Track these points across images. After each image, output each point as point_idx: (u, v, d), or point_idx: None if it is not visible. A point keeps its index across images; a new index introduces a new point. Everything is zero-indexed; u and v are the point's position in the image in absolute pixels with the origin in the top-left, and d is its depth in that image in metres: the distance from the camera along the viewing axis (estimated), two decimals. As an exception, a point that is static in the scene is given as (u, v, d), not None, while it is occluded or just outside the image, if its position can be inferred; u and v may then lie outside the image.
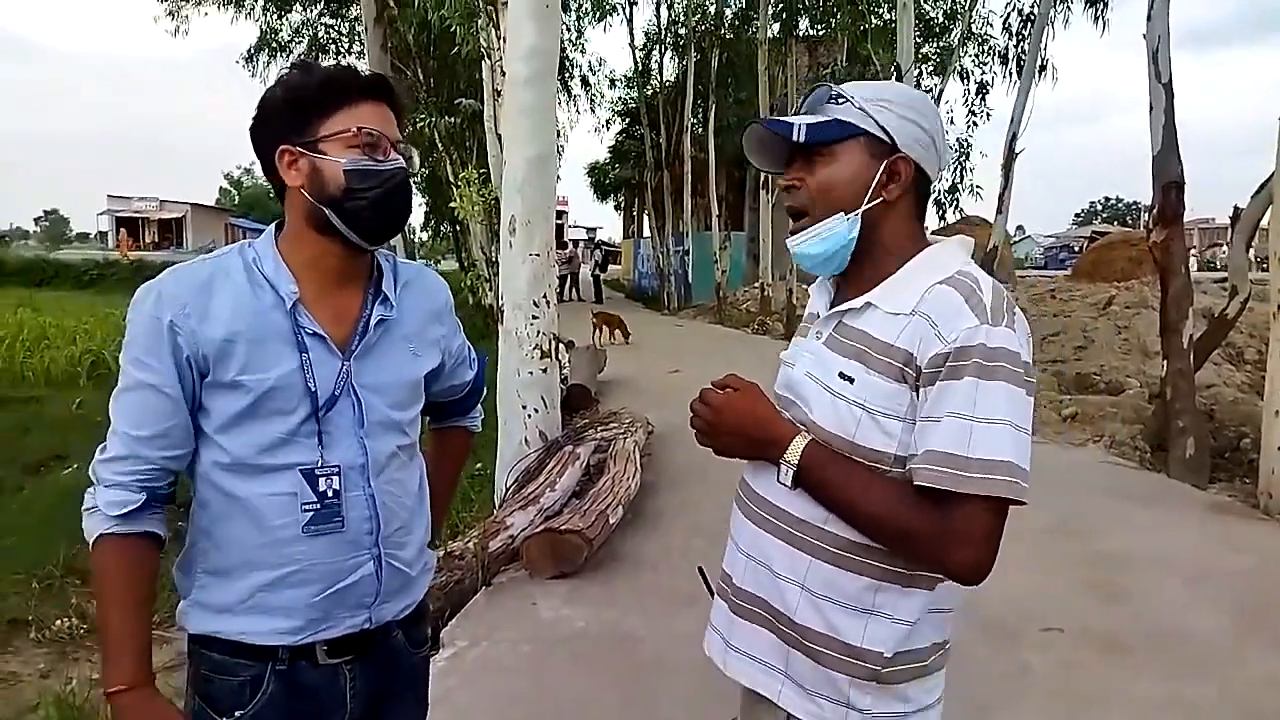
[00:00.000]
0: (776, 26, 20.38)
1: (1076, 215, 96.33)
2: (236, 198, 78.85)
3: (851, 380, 1.28)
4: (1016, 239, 57.84)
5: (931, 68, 20.22)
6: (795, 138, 1.31)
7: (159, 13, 20.41)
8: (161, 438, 1.31)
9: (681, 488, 5.78)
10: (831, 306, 1.38)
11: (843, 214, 1.31)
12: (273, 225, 1.42)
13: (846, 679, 1.29)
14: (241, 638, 1.34)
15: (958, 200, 19.96)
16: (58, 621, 4.34)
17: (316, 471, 1.33)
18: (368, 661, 1.43)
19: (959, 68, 18.82)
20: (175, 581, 1.41)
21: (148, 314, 1.30)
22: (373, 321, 1.41)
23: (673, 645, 3.45)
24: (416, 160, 1.44)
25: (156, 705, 1.31)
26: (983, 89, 19.45)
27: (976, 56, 19.20)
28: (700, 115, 23.47)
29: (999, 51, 18.43)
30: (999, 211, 11.91)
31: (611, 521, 4.62)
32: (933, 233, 1.38)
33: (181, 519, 1.43)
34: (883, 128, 1.30)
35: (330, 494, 1.33)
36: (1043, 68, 14.19)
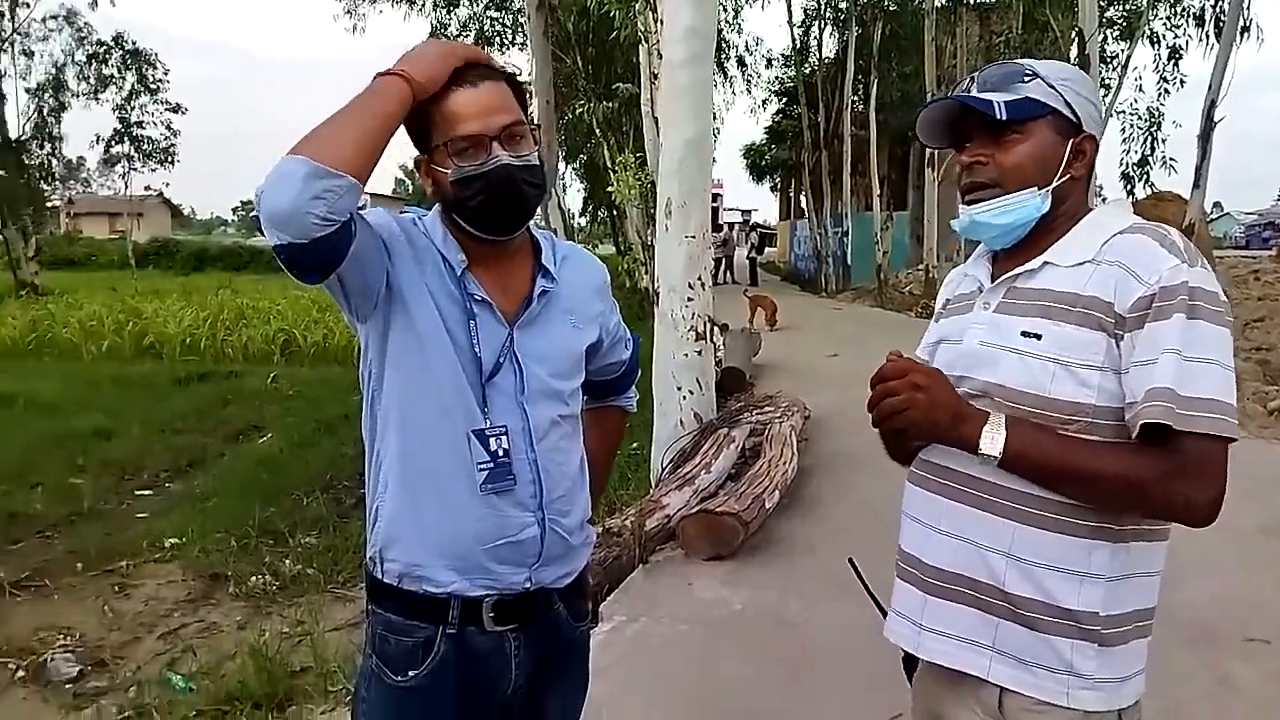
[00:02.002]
0: (945, -6, 19.45)
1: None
2: (410, 187, 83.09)
3: (1039, 336, 1.28)
4: (1214, 216, 52.93)
5: (1117, 32, 18.72)
6: (998, 115, 1.32)
7: (338, 11, 21.71)
8: (365, 227, 1.31)
9: (839, 472, 5.66)
10: (994, 279, 1.39)
11: (1035, 188, 1.33)
12: (438, 204, 1.47)
13: (1069, 643, 1.27)
14: (414, 571, 1.40)
15: (1148, 174, 18.40)
16: (253, 578, 4.74)
17: (487, 432, 1.38)
18: (531, 631, 1.47)
19: (1148, 31, 17.33)
20: (366, 531, 1.49)
21: (394, 214, 1.40)
22: (536, 293, 1.45)
23: (833, 631, 3.39)
24: (531, 136, 1.40)
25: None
26: (1175, 54, 17.79)
27: (1168, 19, 17.60)
28: (861, 92, 22.75)
29: (1194, 12, 16.86)
30: (1195, 186, 10.95)
31: (767, 505, 4.59)
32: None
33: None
34: (1069, 105, 1.33)
35: (501, 453, 1.39)
36: (1245, 29, 12.86)
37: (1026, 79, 1.33)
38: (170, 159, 26.28)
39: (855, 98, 22.78)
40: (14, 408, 8.88)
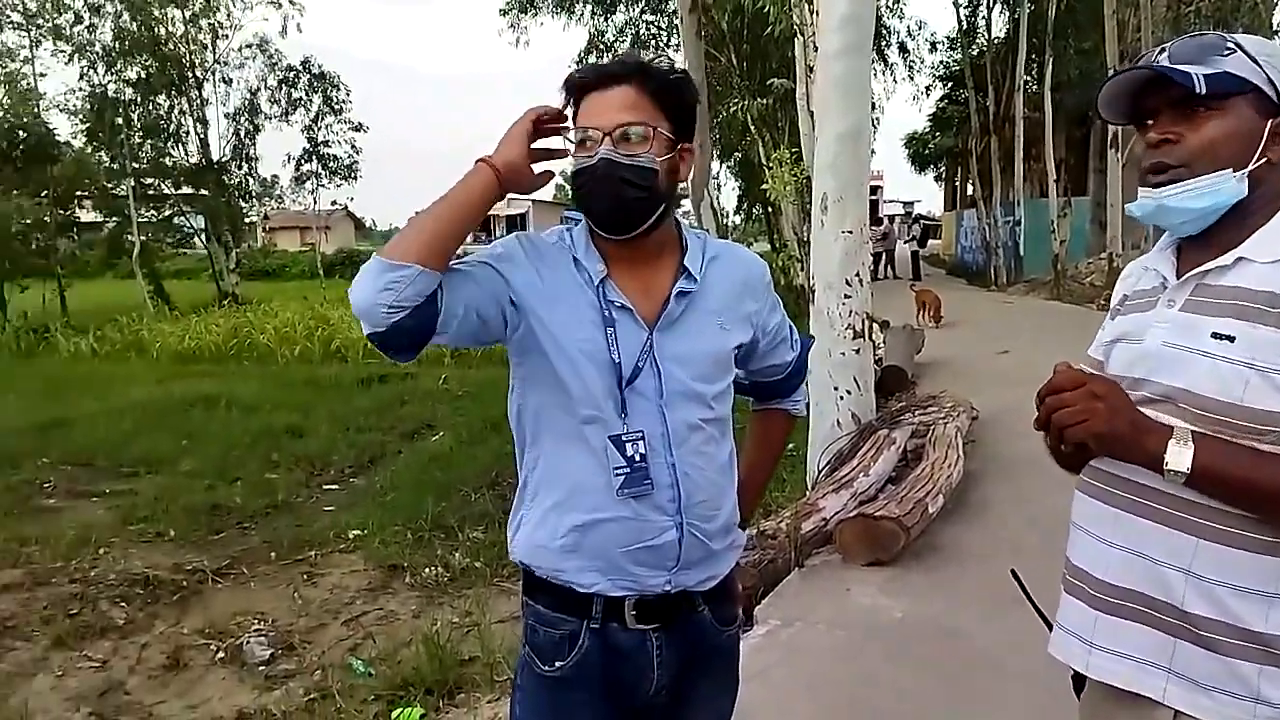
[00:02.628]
0: (1129, -38, 18.04)
1: None
2: (570, 192, 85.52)
3: (1232, 339, 1.17)
4: None
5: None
6: (1197, 89, 1.21)
7: (502, 26, 22.58)
8: (465, 282, 1.37)
9: (1012, 478, 5.35)
10: (1179, 274, 1.28)
11: (1231, 170, 1.21)
12: None
13: (1255, 669, 1.16)
14: (558, 575, 1.45)
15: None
16: (427, 569, 4.98)
17: (624, 438, 1.41)
18: (673, 632, 1.48)
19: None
20: (512, 516, 1.55)
21: (512, 239, 1.48)
22: (674, 294, 1.46)
23: (1003, 644, 3.21)
24: (657, 140, 1.40)
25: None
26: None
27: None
28: (1035, 72, 21.46)
29: None
30: None
31: (930, 510, 4.41)
32: None
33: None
34: (1272, 83, 1.21)
35: (638, 458, 1.41)
36: None
37: (1226, 52, 1.22)
38: (353, 175, 28.14)
39: (1028, 78, 21.52)
40: (218, 408, 9.74)
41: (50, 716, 3.62)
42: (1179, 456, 1.15)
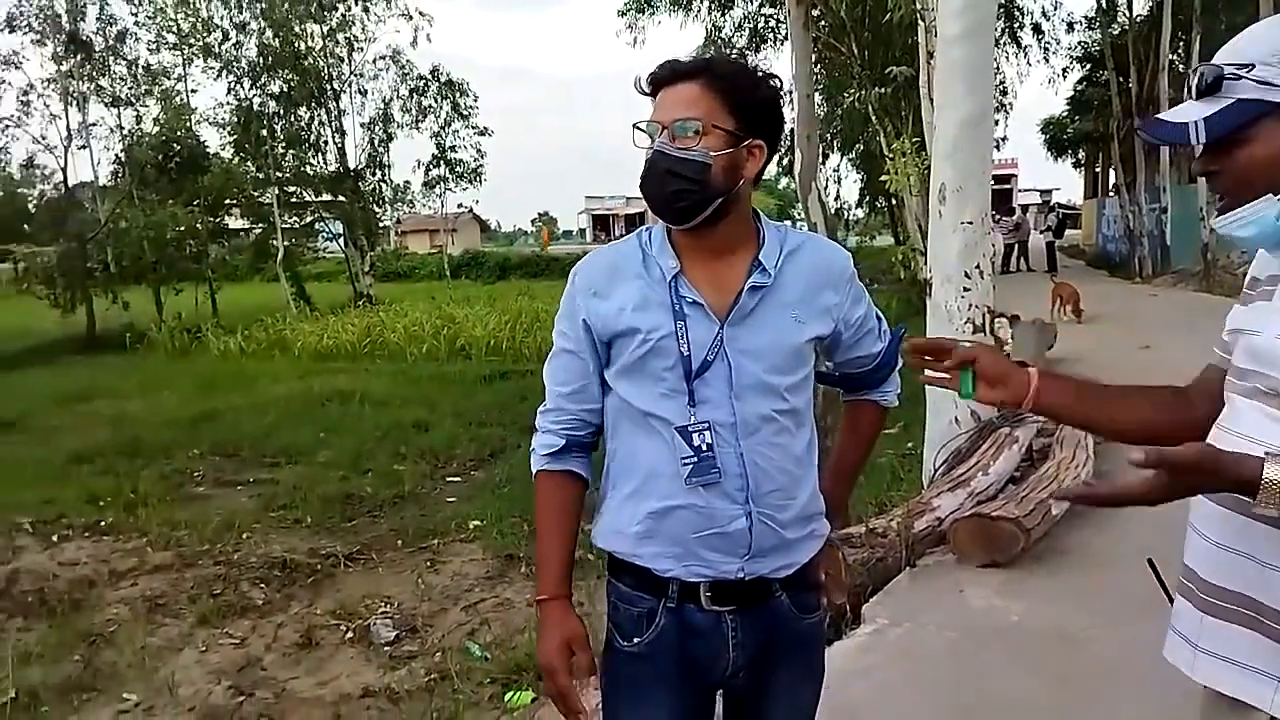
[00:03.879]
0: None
1: None
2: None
3: None
4: None
5: None
6: (1194, 141, 1.18)
7: (620, 26, 22.81)
8: (578, 393, 1.56)
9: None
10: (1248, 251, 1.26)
11: (1272, 195, 1.16)
12: None
13: None
14: (636, 559, 1.52)
15: None
16: (539, 560, 5.13)
17: (690, 428, 1.46)
18: (749, 615, 1.52)
19: None
20: (598, 504, 1.63)
21: (568, 293, 1.57)
22: (747, 287, 1.48)
23: (1127, 652, 3.03)
24: (713, 134, 1.44)
25: (568, 617, 1.55)
26: None
27: None
28: (1181, 50, 20.09)
29: None
30: None
31: (1054, 512, 4.21)
32: None
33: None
34: None
35: (704, 447, 1.46)
36: None
37: (1236, 75, 1.15)
38: (479, 178, 29.00)
39: (1174, 57, 20.16)
40: (352, 403, 10.27)
41: (194, 688, 3.91)
42: (1269, 496, 1.06)
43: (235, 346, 15.95)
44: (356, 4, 23.79)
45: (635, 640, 1.53)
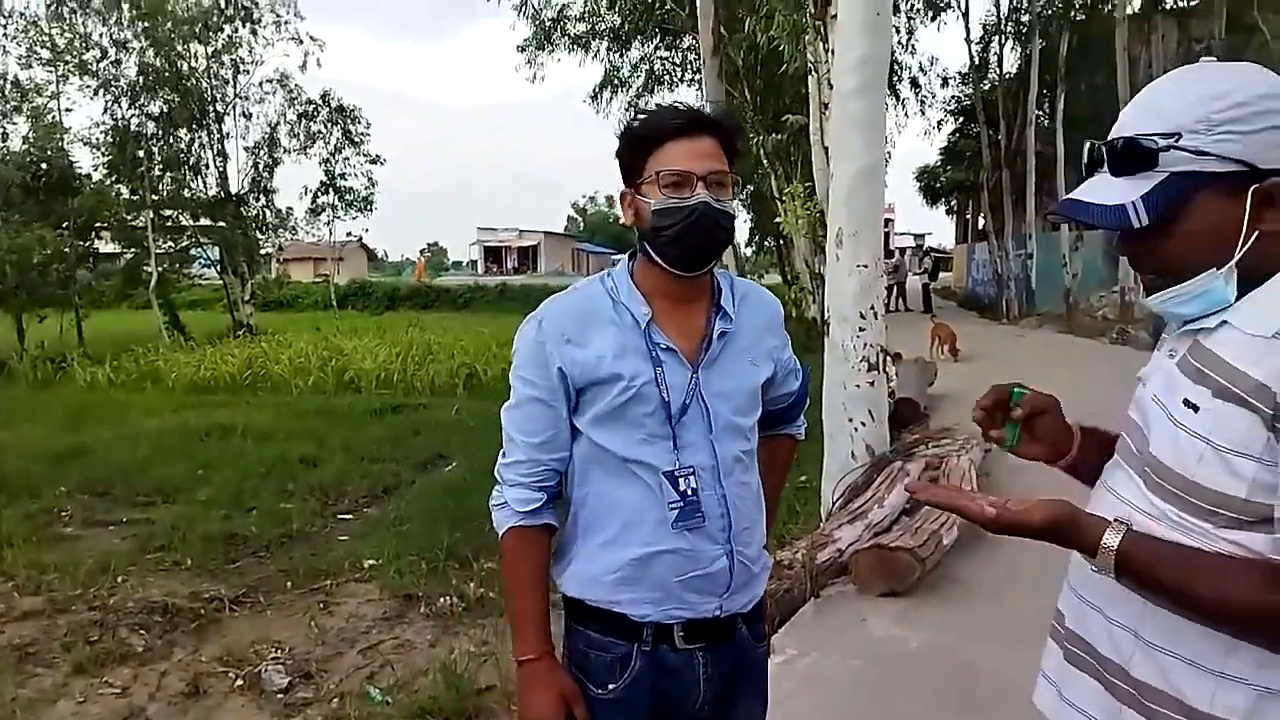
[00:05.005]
0: (1139, 1, 18.25)
1: None
2: (581, 224, 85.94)
3: (1196, 409, 1.08)
4: None
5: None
6: (1136, 224, 1.09)
7: (519, 62, 22.92)
8: (549, 443, 1.53)
9: (1025, 510, 5.35)
10: (1186, 321, 1.15)
11: (1215, 270, 1.09)
12: (626, 255, 1.61)
13: None
14: (612, 607, 1.51)
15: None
16: (441, 599, 4.99)
17: (676, 473, 1.48)
18: (717, 650, 1.56)
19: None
20: (557, 550, 1.61)
21: (532, 340, 1.53)
22: (716, 334, 1.53)
23: (1016, 680, 3.17)
24: (739, 188, 1.51)
25: (557, 674, 1.53)
26: None
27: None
28: (1046, 107, 21.64)
29: None
30: None
31: (945, 542, 4.42)
32: None
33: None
34: (1235, 160, 1.05)
35: (690, 492, 1.48)
36: None
37: (1164, 146, 1.07)
38: (369, 207, 28.40)
39: (1040, 113, 21.68)
40: (233, 437, 9.79)
41: (72, 742, 3.64)
42: (1104, 558, 1.10)
43: (103, 377, 15.00)
44: (244, 26, 23.12)
45: (610, 687, 1.52)
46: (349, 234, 34.62)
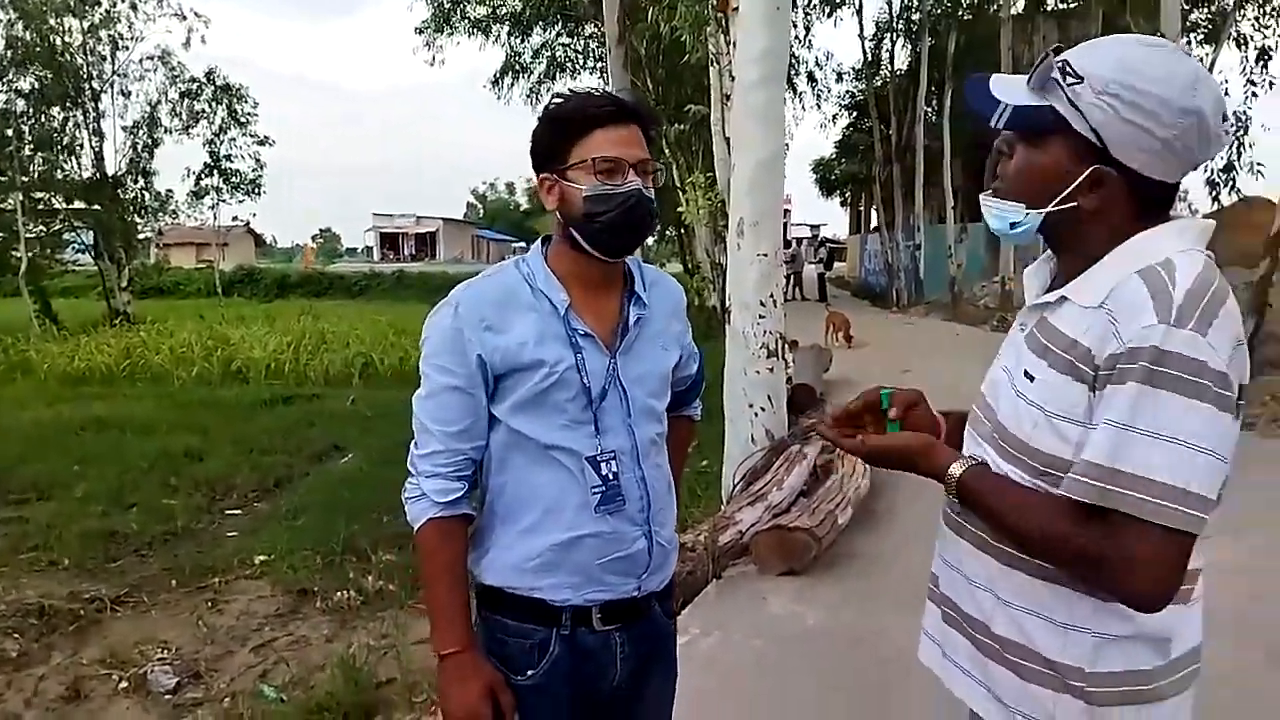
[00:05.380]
0: (1022, 2, 19.09)
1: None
2: (481, 211, 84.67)
3: (1033, 379, 1.19)
4: (1310, 220, 50.61)
5: (1201, 36, 18.16)
6: (994, 123, 1.20)
7: (418, 44, 22.33)
8: (468, 431, 1.51)
9: (914, 488, 5.48)
10: (1039, 296, 1.26)
11: (1024, 206, 1.21)
12: (539, 240, 1.61)
13: (1051, 696, 1.19)
14: (531, 593, 1.51)
15: (1234, 180, 17.75)
16: (338, 593, 4.88)
17: (598, 458, 1.49)
18: (633, 630, 1.58)
19: (1235, 33, 16.77)
20: (472, 539, 1.59)
21: (447, 327, 1.50)
22: (631, 320, 1.55)
23: (906, 647, 3.33)
24: (662, 175, 1.55)
25: (482, 665, 1.51)
26: (1264, 55, 17.21)
27: (1257, 19, 17.02)
28: (935, 103, 22.45)
29: (1284, 12, 16.26)
30: (1287, 190, 10.49)
31: (840, 521, 4.57)
32: (1204, 216, 1.26)
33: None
34: (1094, 130, 1.13)
35: (611, 476, 1.50)
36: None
37: (1070, 82, 1.14)
38: (257, 190, 27.27)
39: (928, 109, 22.49)
40: (111, 431, 9.30)
41: (-61, 755, 3.41)
42: (950, 484, 1.23)
43: (-33, 369, 14.03)
44: (123, 0, 21.82)
45: (530, 673, 1.53)
46: (235, 218, 33.26)
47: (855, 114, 28.80)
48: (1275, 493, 5.58)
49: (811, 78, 25.53)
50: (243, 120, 25.94)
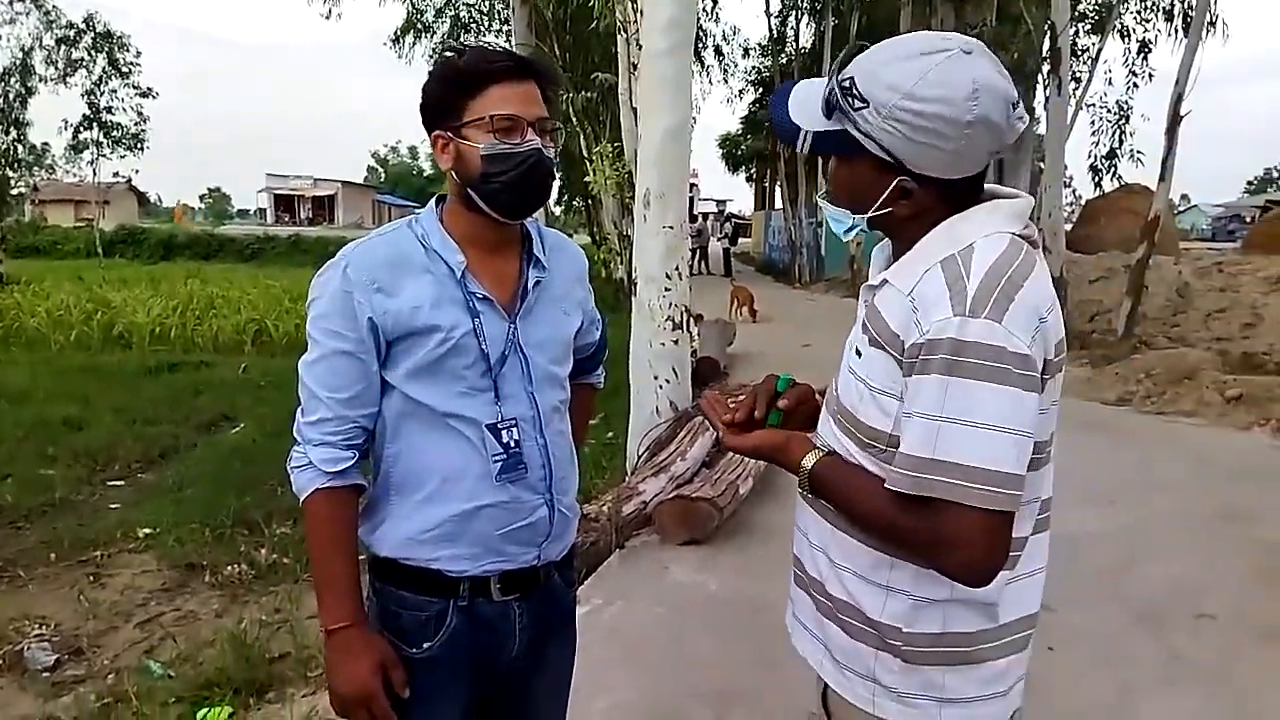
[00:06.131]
0: (921, -14, 19.57)
1: (1249, 183, 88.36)
2: (383, 175, 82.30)
3: (861, 355, 1.25)
4: (1181, 208, 53.90)
5: (1089, 26, 18.98)
6: (799, 149, 1.26)
7: (314, -5, 21.38)
8: (358, 398, 1.44)
9: (812, 461, 5.74)
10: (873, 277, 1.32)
11: (850, 212, 1.27)
12: (433, 200, 1.54)
13: (872, 652, 1.26)
14: (430, 564, 1.47)
15: (1115, 167, 18.73)
16: (229, 567, 4.72)
17: (499, 425, 1.45)
18: (532, 599, 1.56)
19: (1119, 25, 17.60)
20: (365, 510, 1.54)
21: (336, 288, 1.42)
22: (530, 284, 1.51)
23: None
24: (561, 135, 1.51)
25: (372, 639, 1.46)
26: (1145, 47, 18.13)
27: (1139, 13, 17.91)
28: (837, 83, 22.79)
29: (1163, 7, 17.13)
30: (1161, 179, 11.11)
31: (741, 491, 4.66)
32: (1087, 201, 1.32)
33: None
34: (888, 151, 1.17)
35: (513, 444, 1.46)
36: (1212, 24, 13.02)
37: (855, 105, 1.18)
38: (140, 145, 25.85)
39: (831, 88, 22.80)
40: (-19, 398, 8.75)
41: None
42: (803, 475, 1.28)
43: None
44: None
45: (425, 646, 1.48)
46: (116, 174, 31.43)
47: (761, 90, 29.07)
48: (1145, 465, 5.98)
49: (719, 52, 25.71)
50: (124, 70, 24.56)
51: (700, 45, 23.89)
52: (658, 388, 5.49)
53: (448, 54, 1.47)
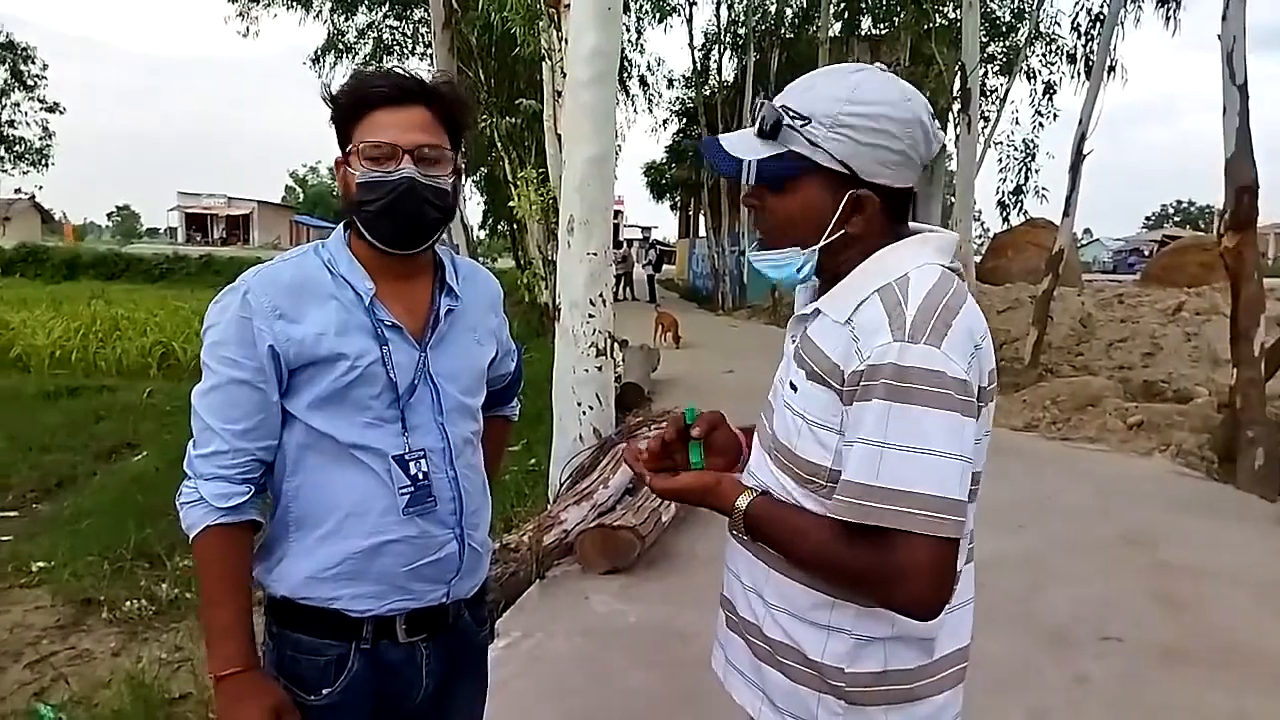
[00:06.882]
0: (838, 26, 20.20)
1: (1147, 219, 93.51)
2: (301, 195, 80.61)
3: (796, 389, 1.23)
4: (1084, 242, 56.50)
5: (998, 67, 19.85)
6: (745, 181, 1.23)
7: (230, 13, 20.92)
8: (256, 430, 1.37)
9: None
10: (802, 308, 1.31)
11: (799, 249, 1.23)
12: (341, 225, 1.49)
13: (814, 695, 1.23)
14: (330, 603, 1.40)
15: (1022, 202, 19.56)
16: (128, 603, 4.50)
17: (406, 457, 1.40)
18: (440, 640, 1.50)
19: (1026, 67, 18.44)
20: (261, 548, 1.47)
21: (234, 315, 1.37)
22: (442, 312, 1.48)
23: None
24: (453, 164, 1.43)
25: (266, 685, 1.38)
26: (1050, 89, 19.03)
27: (1044, 56, 18.81)
28: (759, 115, 23.31)
29: (1067, 51, 17.98)
30: (1065, 214, 11.62)
31: (664, 519, 4.65)
32: (995, 235, 1.34)
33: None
34: (841, 161, 1.18)
35: (421, 476, 1.41)
36: (1112, 68, 13.72)
37: (794, 126, 1.18)
38: (45, 161, 24.83)
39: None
40: None
41: None
42: (737, 517, 1.25)
43: None
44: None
45: (325, 692, 1.41)
46: (18, 191, 30.04)
47: (685, 120, 29.49)
48: (1052, 491, 6.19)
49: (644, 81, 26.01)
50: (29, 83, 23.56)
51: (625, 75, 24.15)
52: (581, 414, 5.46)
53: (349, 79, 1.45)
